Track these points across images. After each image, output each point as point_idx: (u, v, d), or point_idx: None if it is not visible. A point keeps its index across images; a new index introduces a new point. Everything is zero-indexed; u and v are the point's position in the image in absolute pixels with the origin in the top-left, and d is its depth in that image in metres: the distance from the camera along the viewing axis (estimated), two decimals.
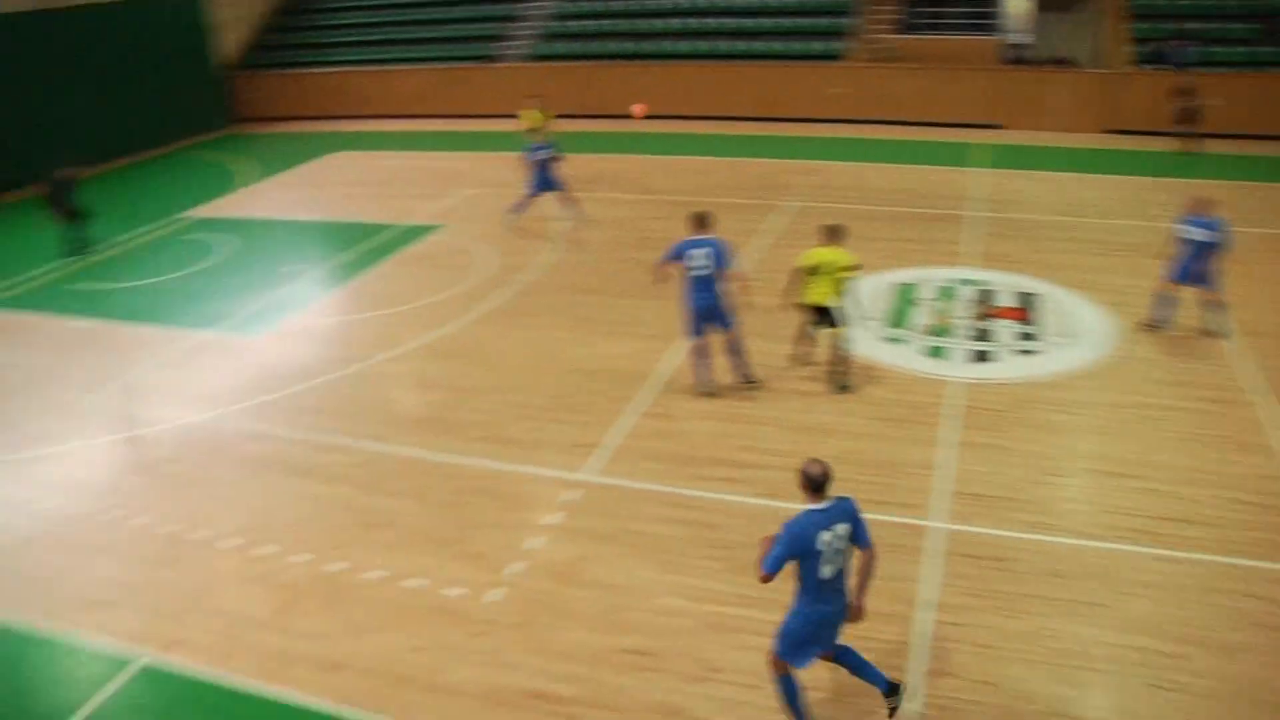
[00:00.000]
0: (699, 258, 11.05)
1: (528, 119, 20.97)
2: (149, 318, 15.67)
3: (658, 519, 9.38)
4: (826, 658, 6.72)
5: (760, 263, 15.65)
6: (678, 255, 11.15)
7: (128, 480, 10.98)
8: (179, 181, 25.23)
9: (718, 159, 22.71)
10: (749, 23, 27.84)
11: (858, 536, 6.33)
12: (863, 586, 6.53)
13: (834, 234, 11.52)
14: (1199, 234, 12.25)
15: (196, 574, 9.20)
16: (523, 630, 8.06)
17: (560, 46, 29.16)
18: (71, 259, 19.16)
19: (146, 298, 16.68)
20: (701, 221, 11.23)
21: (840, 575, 6.34)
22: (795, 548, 6.15)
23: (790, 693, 6.66)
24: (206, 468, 11.04)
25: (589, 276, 15.57)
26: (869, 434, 10.69)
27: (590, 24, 29.46)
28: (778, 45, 27.07)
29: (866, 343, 12.76)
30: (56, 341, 15.11)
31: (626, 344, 13.10)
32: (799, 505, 6.37)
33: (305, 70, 31.84)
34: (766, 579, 6.18)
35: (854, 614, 6.57)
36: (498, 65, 29.40)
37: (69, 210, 19.36)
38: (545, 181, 18.08)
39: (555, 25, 29.91)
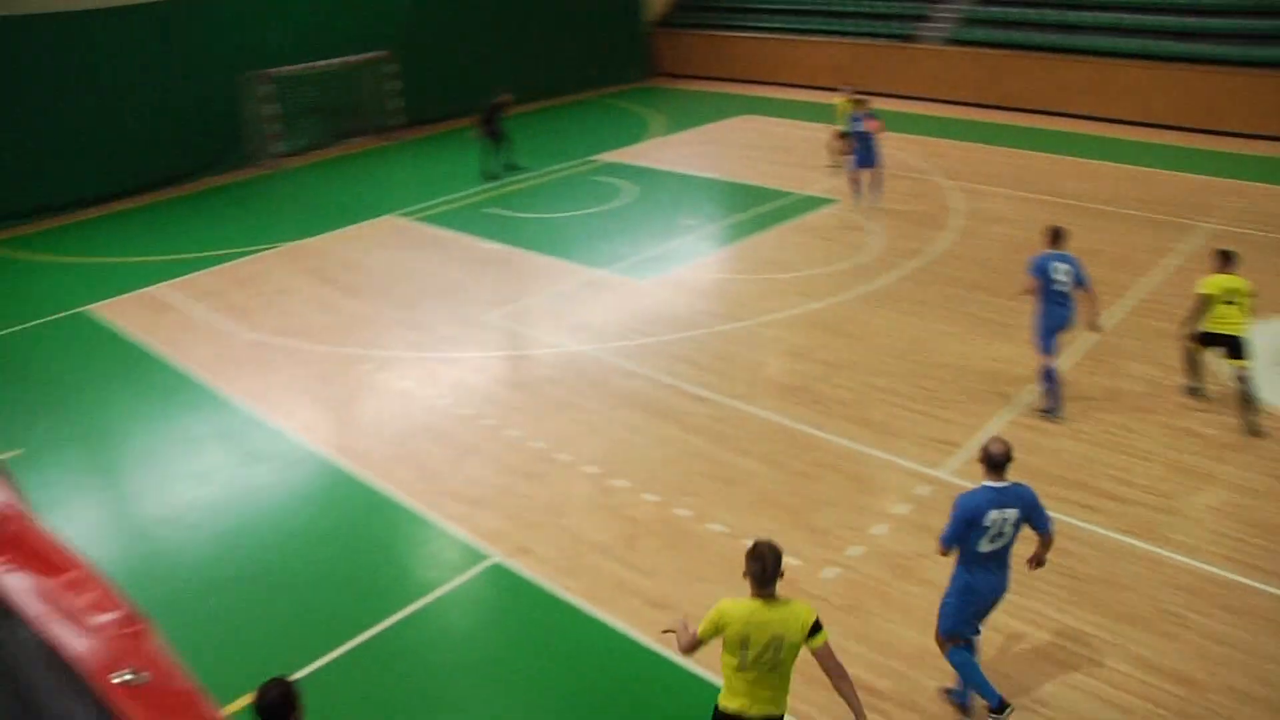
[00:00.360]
0: (1062, 271, 10.54)
1: (841, 105, 20.37)
2: (551, 249, 16.74)
3: None
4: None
5: (1163, 285, 14.38)
6: (1041, 268, 10.64)
7: (509, 394, 11.85)
8: (596, 126, 26.67)
9: (1136, 168, 21.02)
10: (1193, 21, 25.32)
11: (1036, 523, 6.58)
12: (1042, 548, 6.82)
13: (1228, 260, 10.49)
14: None
15: (554, 491, 9.79)
16: (851, 614, 7.96)
17: (979, 32, 27.88)
18: (491, 183, 20.82)
19: (551, 230, 17.84)
20: (1058, 236, 10.76)
21: (1002, 552, 6.55)
22: (967, 518, 6.43)
23: (966, 665, 6.78)
24: (580, 395, 11.69)
25: (980, 272, 14.95)
26: (1261, 491, 9.58)
27: (1014, 11, 27.93)
28: (1228, 49, 24.49)
29: (1273, 389, 11.44)
30: (470, 259, 16.51)
31: (1008, 347, 12.48)
32: (1168, 551, 5.86)
33: (724, 32, 32.54)
34: (944, 553, 6.61)
35: (1034, 562, 6.93)
36: (914, 46, 28.66)
37: (496, 133, 21.17)
38: (864, 155, 17.89)
39: (978, 10, 28.63)
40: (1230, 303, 10.38)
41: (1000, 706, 6.73)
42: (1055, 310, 10.62)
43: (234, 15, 23.09)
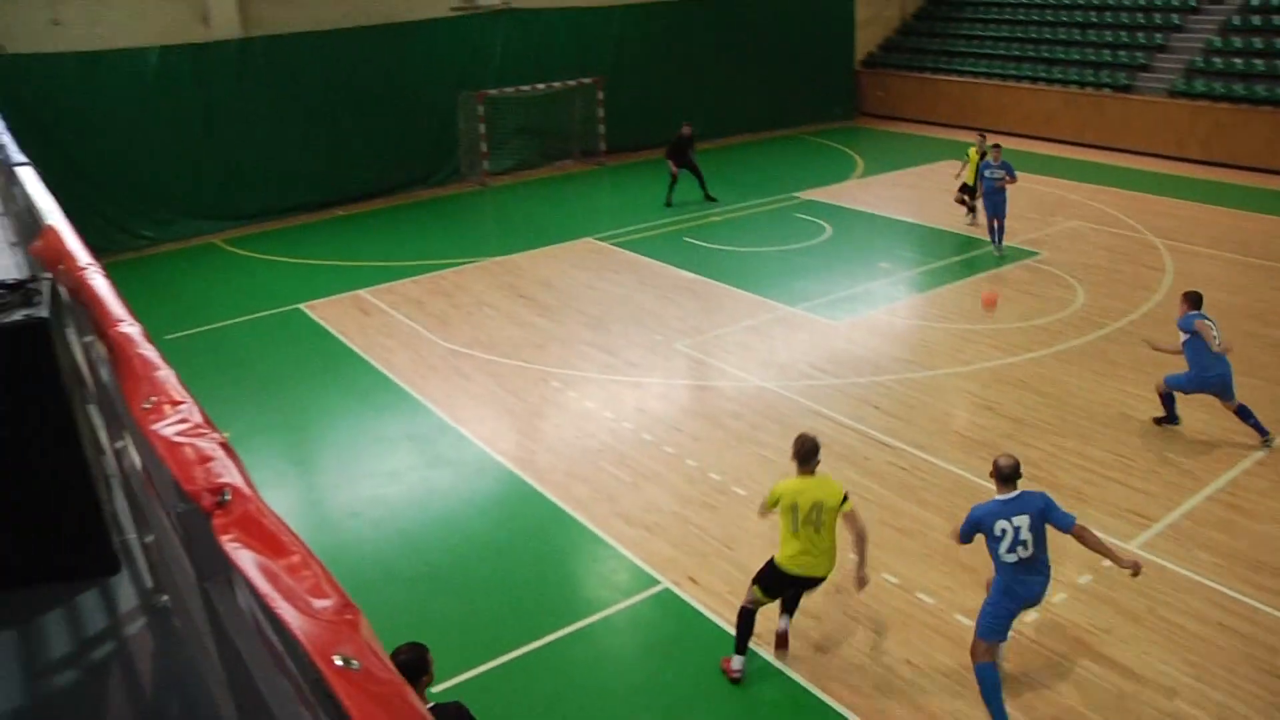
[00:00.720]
0: (1218, 329, 10.99)
1: (972, 154, 19.52)
2: (745, 283, 16.79)
3: (1201, 616, 8.42)
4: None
5: None
6: (1189, 326, 10.95)
7: (692, 423, 11.92)
8: (798, 164, 26.63)
9: None
10: None
11: (1058, 523, 7.06)
12: (1097, 547, 7.13)
13: None
14: None
15: (728, 525, 9.79)
16: (1017, 681, 7.65)
17: (1204, 84, 26.39)
18: (669, 210, 21.04)
19: (747, 264, 17.90)
20: (1199, 299, 11.11)
21: (1032, 560, 7.06)
22: (974, 522, 7.14)
23: (989, 682, 7.11)
24: (762, 431, 11.67)
25: None
26: None
27: (1244, 62, 26.20)
28: None
29: None
30: (663, 287, 16.72)
31: (1214, 419, 11.77)
32: None
33: (932, 75, 31.95)
34: (958, 541, 7.36)
35: (1133, 570, 7.25)
36: (1133, 97, 27.39)
37: (689, 165, 21.48)
38: (990, 205, 17.92)
39: (1209, 61, 27.14)
40: None
41: None
42: (1216, 367, 10.89)
43: (458, 38, 24.17)
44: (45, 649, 3.69)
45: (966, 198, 19.83)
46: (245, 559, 1.56)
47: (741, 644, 7.74)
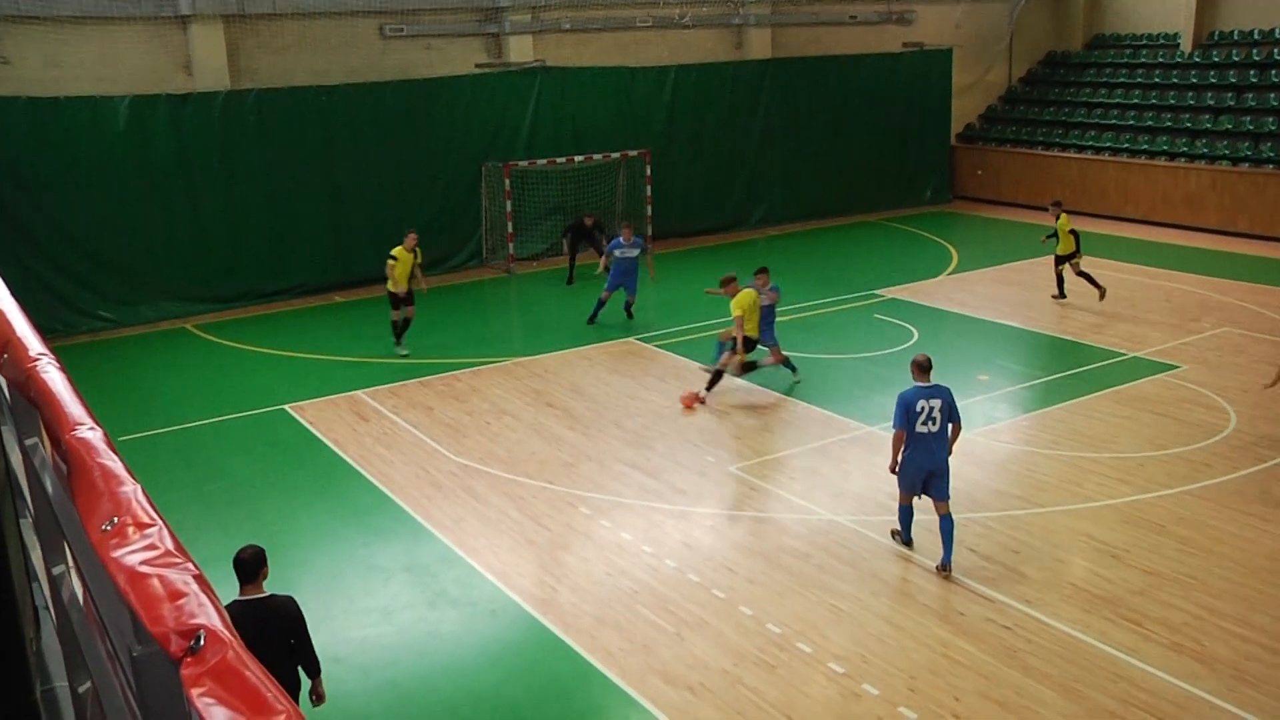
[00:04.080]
0: None
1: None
2: (813, 396, 16.78)
3: None
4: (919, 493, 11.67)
5: None
6: None
7: (747, 563, 11.82)
8: (881, 255, 26.81)
9: None
10: None
11: (954, 415, 11.50)
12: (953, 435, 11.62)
13: None
14: None
15: (788, 688, 9.62)
16: None
17: None
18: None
19: (816, 373, 17.88)
20: None
21: (937, 434, 11.34)
22: (905, 405, 11.41)
23: (903, 513, 11.89)
24: (831, 574, 11.53)
25: None
26: None
27: None
28: None
29: None
30: (715, 398, 16.70)
31: None
32: None
33: (1044, 151, 32.09)
34: (897, 434, 11.44)
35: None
36: None
37: (581, 242, 23.70)
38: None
39: None
40: None
41: (906, 541, 11.96)
42: None
43: (484, 99, 24.75)
44: None
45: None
46: (219, 716, 1.54)
47: None
